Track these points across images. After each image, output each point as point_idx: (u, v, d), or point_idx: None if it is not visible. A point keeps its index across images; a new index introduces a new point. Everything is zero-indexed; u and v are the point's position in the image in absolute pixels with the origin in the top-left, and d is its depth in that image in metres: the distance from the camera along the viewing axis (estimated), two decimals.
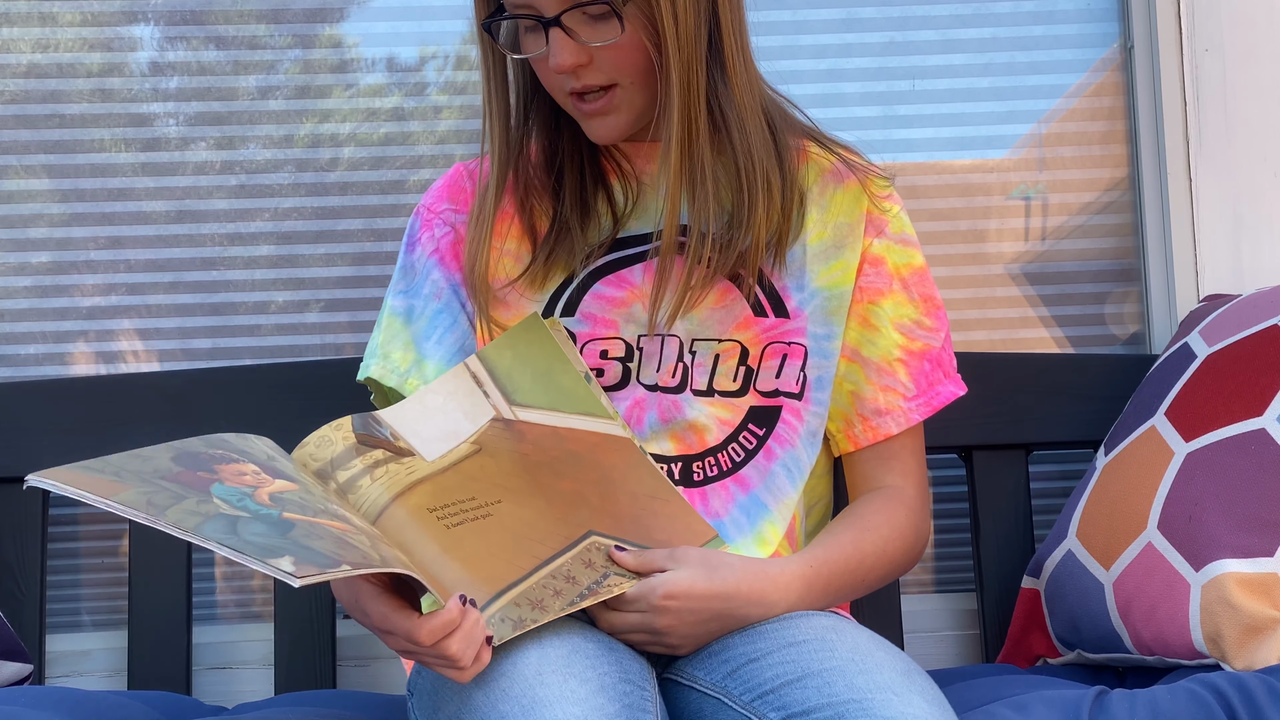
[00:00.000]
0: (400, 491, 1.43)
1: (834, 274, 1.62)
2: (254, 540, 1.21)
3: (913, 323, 1.64)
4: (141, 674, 1.91)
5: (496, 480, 1.46)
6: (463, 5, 2.21)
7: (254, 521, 1.25)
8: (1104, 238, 2.23)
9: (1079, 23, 2.23)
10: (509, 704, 1.28)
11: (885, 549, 1.58)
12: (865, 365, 1.63)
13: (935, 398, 1.65)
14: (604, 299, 1.59)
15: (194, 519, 1.23)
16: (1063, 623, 1.78)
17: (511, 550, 1.40)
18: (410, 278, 1.65)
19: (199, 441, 1.38)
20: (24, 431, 1.93)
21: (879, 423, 1.63)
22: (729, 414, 1.57)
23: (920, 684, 1.34)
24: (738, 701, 1.39)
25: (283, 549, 1.21)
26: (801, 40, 2.20)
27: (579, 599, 1.38)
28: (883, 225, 1.64)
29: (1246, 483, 1.61)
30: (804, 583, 1.49)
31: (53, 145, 2.16)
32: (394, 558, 1.28)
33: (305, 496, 1.33)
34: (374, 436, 1.48)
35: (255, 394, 1.96)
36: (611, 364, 1.57)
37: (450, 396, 1.51)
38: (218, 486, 1.30)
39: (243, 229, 2.17)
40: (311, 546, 1.23)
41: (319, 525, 1.27)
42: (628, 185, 1.63)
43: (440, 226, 1.65)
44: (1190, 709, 1.42)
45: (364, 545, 1.26)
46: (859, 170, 1.65)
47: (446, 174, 1.69)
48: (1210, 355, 1.78)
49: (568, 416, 1.51)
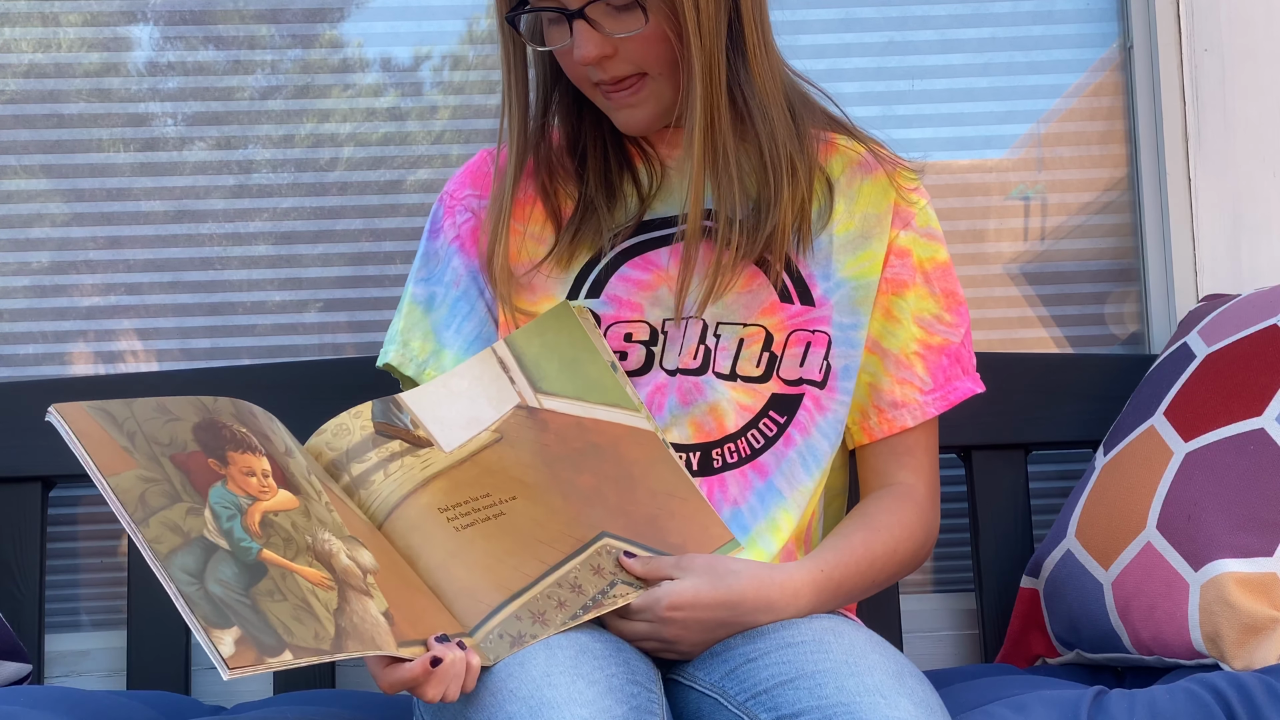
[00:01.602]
0: (413, 489, 1.43)
1: (861, 264, 1.62)
2: (213, 592, 1.21)
3: (933, 317, 1.64)
4: (140, 674, 1.91)
5: (514, 473, 1.46)
6: (461, 5, 2.21)
7: (227, 561, 1.24)
8: (1103, 238, 2.23)
9: (1078, 23, 2.23)
10: (516, 705, 1.28)
11: (896, 549, 1.57)
12: (884, 357, 1.63)
13: (952, 393, 1.64)
14: (630, 281, 1.59)
15: (171, 540, 1.22)
16: (1062, 622, 1.77)
17: (521, 554, 1.40)
18: (432, 264, 1.66)
19: (229, 406, 1.37)
20: (23, 431, 1.93)
21: (894, 415, 1.63)
22: (750, 399, 1.57)
23: (911, 686, 1.34)
24: (733, 701, 1.39)
25: (235, 616, 1.20)
26: (800, 40, 2.19)
27: (582, 611, 1.38)
28: (909, 217, 1.64)
29: (1245, 482, 1.61)
30: (814, 588, 1.48)
31: (52, 145, 2.16)
32: (353, 633, 1.26)
33: (300, 520, 1.31)
34: (393, 425, 1.47)
35: (254, 394, 1.94)
36: (635, 347, 1.57)
37: (475, 381, 1.51)
38: (217, 490, 1.29)
39: (241, 229, 2.17)
40: (266, 615, 1.22)
41: (291, 578, 1.26)
42: (651, 168, 1.63)
43: (462, 213, 1.66)
44: (1189, 709, 1.42)
45: (323, 617, 1.24)
46: (886, 162, 1.65)
47: (471, 159, 1.70)
48: (1209, 355, 1.78)
49: (593, 407, 1.50)
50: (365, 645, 1.25)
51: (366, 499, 1.44)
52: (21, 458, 1.93)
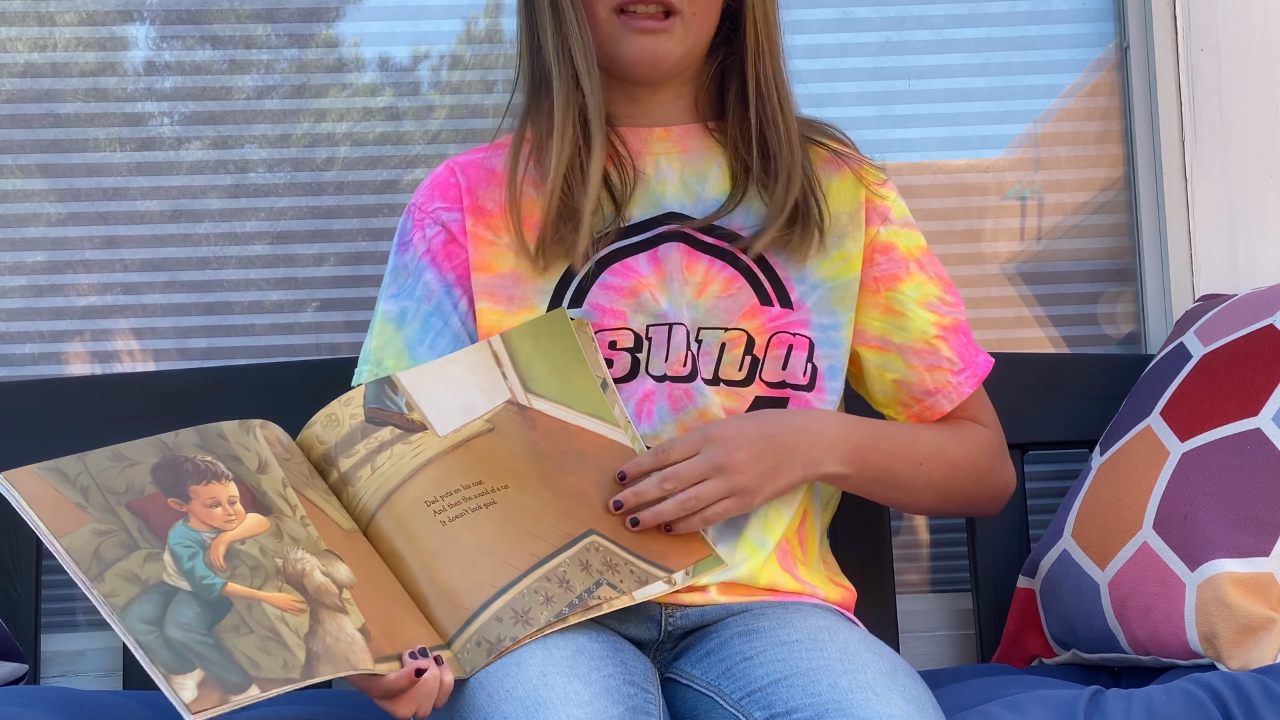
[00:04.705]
0: (400, 482, 1.42)
1: (835, 264, 1.62)
2: (173, 637, 1.21)
3: (938, 299, 1.64)
4: (136, 674, 1.91)
5: (505, 463, 1.46)
6: (458, 5, 2.21)
7: (189, 602, 1.24)
8: (1099, 237, 2.23)
9: (1074, 23, 2.23)
10: (513, 705, 1.28)
11: (945, 448, 1.60)
12: (901, 351, 1.63)
13: (978, 368, 1.66)
14: (612, 289, 1.58)
15: (128, 591, 1.23)
16: (1058, 622, 1.78)
17: (509, 547, 1.40)
18: (403, 279, 1.64)
19: (193, 437, 1.38)
20: (18, 432, 1.93)
21: (932, 402, 1.64)
22: (734, 404, 1.57)
23: (903, 683, 1.34)
24: (728, 700, 1.39)
25: (196, 658, 1.21)
26: (797, 40, 2.19)
27: (568, 609, 1.37)
28: (886, 212, 1.64)
29: (1242, 482, 1.61)
30: (845, 422, 1.55)
31: (48, 145, 2.16)
32: (326, 655, 1.26)
33: (270, 544, 1.32)
34: (385, 411, 1.47)
35: (250, 394, 1.95)
36: (620, 355, 1.56)
37: (471, 370, 1.51)
38: (177, 530, 1.29)
39: (238, 228, 2.17)
40: (231, 652, 1.22)
41: (258, 608, 1.27)
42: (624, 171, 1.62)
43: (431, 226, 1.64)
44: (1185, 709, 1.42)
45: (292, 644, 1.25)
46: (851, 160, 1.65)
47: (435, 172, 1.67)
48: (1206, 355, 1.78)
49: (578, 415, 1.51)
50: (339, 666, 1.26)
51: (353, 496, 1.44)
52: (17, 457, 1.91)
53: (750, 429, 1.50)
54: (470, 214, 1.62)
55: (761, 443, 1.49)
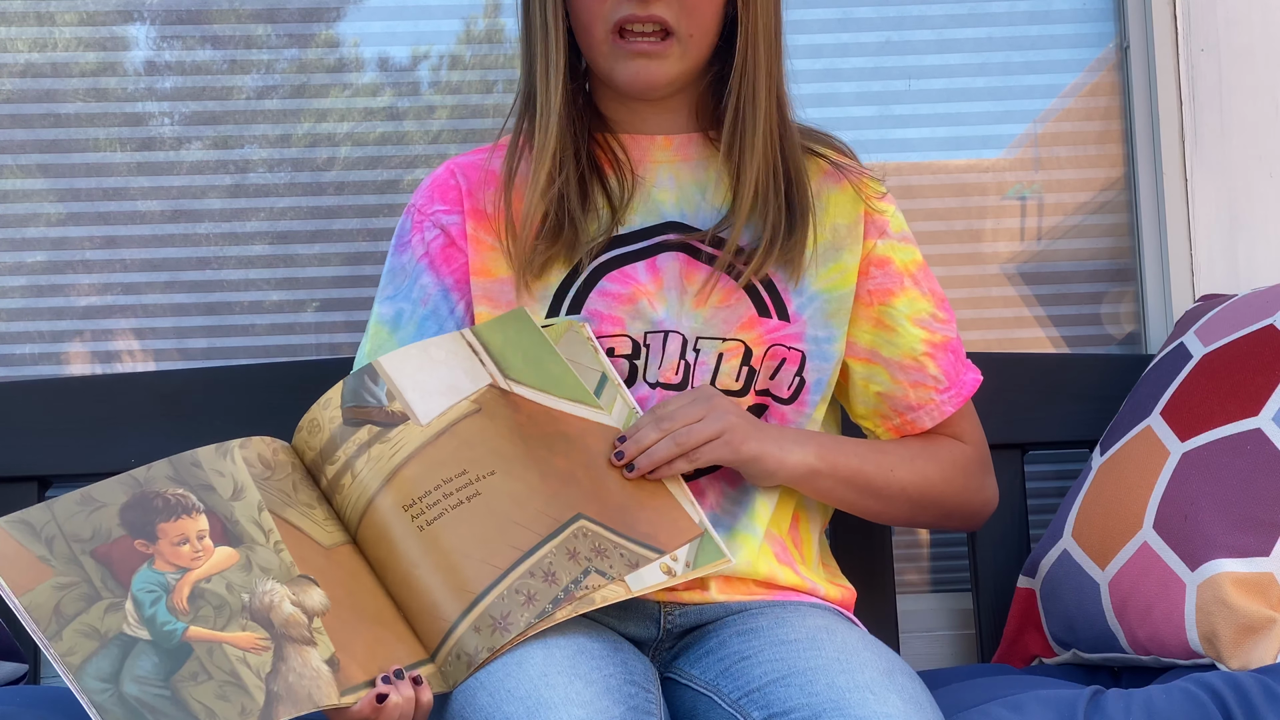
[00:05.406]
0: (378, 487, 1.41)
1: (832, 277, 1.61)
2: (128, 693, 1.23)
3: (929, 316, 1.64)
4: None
5: (493, 444, 1.45)
6: (458, 5, 2.21)
7: (147, 652, 1.26)
8: (1100, 237, 2.23)
9: (1074, 22, 2.23)
10: (514, 705, 1.28)
11: (914, 458, 1.61)
12: (888, 365, 1.63)
13: (964, 387, 1.65)
14: (610, 296, 1.58)
15: (86, 647, 1.24)
16: (1058, 622, 1.78)
17: (494, 541, 1.38)
18: (399, 280, 1.63)
19: (166, 470, 1.38)
20: (20, 432, 1.93)
21: (913, 417, 1.64)
22: None
23: (901, 683, 1.34)
24: (726, 699, 1.39)
25: (151, 713, 1.22)
26: (797, 40, 2.19)
27: (552, 605, 1.35)
28: (884, 226, 1.64)
29: (1242, 482, 1.61)
30: (813, 435, 1.56)
31: (48, 145, 2.16)
32: (287, 695, 1.27)
33: (237, 578, 1.32)
34: (363, 407, 1.46)
35: (250, 394, 1.95)
36: (619, 362, 1.56)
37: (452, 355, 1.51)
38: (141, 575, 1.30)
39: (238, 228, 2.17)
40: (187, 702, 1.23)
41: (219, 650, 1.27)
42: (623, 177, 1.61)
43: (431, 229, 1.62)
44: (1186, 709, 1.42)
45: (252, 686, 1.26)
46: (851, 172, 1.64)
47: (436, 173, 1.66)
48: (1206, 355, 1.78)
49: (559, 400, 1.50)
50: (300, 705, 1.26)
51: (341, 504, 1.44)
52: (18, 457, 1.93)
53: (738, 407, 1.53)
54: (470, 217, 1.62)
55: (754, 424, 1.52)
